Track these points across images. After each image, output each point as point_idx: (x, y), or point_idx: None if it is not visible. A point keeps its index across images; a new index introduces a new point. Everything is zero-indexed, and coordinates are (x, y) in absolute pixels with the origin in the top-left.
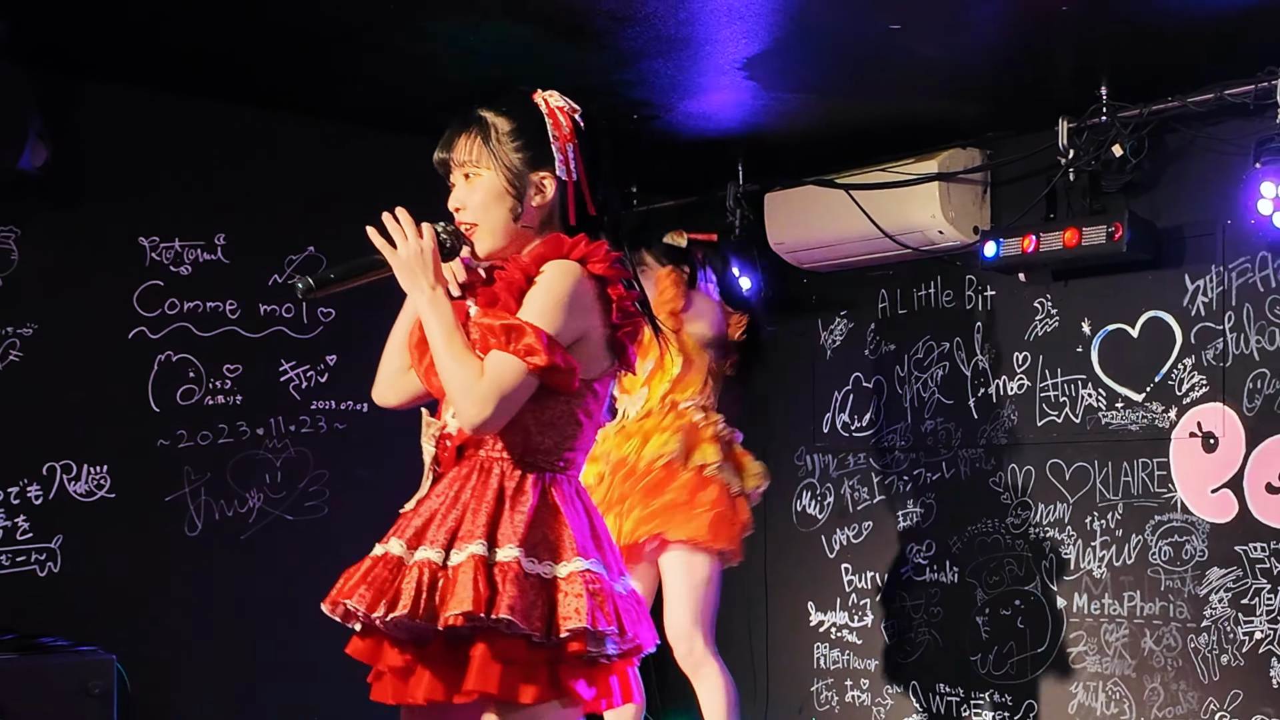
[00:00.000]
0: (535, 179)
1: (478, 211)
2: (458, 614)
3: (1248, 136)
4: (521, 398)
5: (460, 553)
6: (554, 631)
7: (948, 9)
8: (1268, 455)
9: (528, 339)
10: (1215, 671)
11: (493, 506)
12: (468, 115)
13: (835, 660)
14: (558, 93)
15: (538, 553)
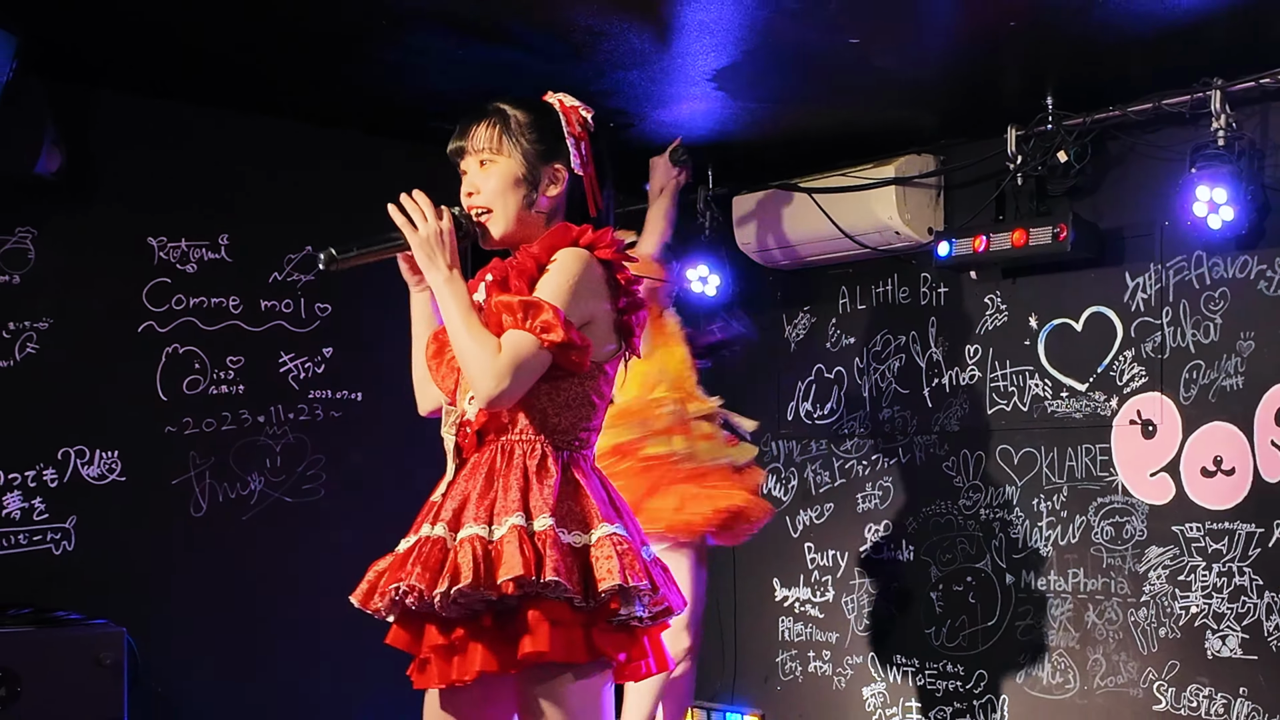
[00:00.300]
0: (549, 170)
1: (493, 197)
2: (509, 579)
3: (1184, 144)
4: (536, 372)
5: (501, 526)
6: (593, 595)
7: (904, 25)
8: (1202, 441)
9: (545, 316)
10: (1154, 644)
11: (522, 483)
12: (484, 108)
13: (799, 633)
14: (569, 94)
15: (567, 524)
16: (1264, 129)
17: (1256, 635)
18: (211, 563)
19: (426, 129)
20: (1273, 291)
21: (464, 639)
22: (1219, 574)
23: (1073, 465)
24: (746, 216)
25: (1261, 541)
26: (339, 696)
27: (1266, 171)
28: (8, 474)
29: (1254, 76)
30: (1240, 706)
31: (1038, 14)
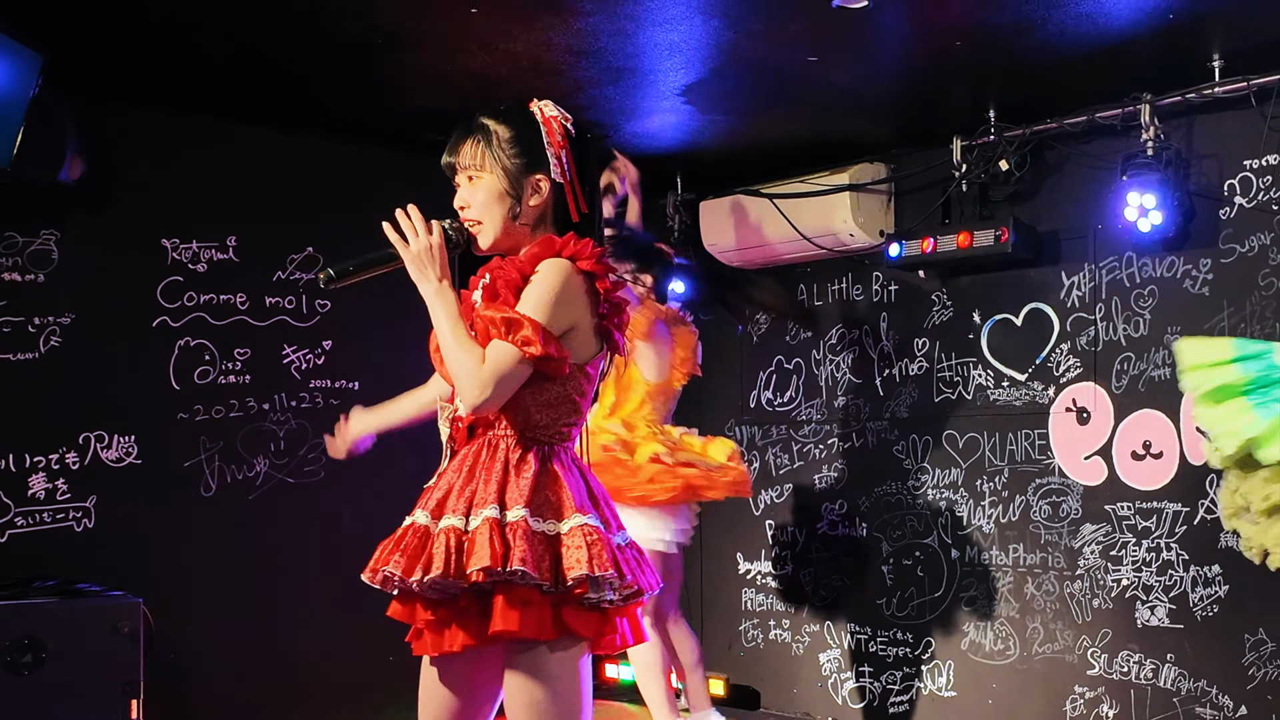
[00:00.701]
0: (531, 181)
1: (481, 210)
2: (479, 569)
3: (1116, 153)
4: (517, 382)
5: (477, 517)
6: (561, 580)
7: (858, 44)
8: (1132, 428)
9: (525, 331)
10: (1088, 613)
11: (501, 476)
12: (471, 123)
13: (760, 603)
14: (551, 102)
15: (542, 513)
16: (1189, 140)
17: (1183, 606)
18: (220, 539)
19: (417, 139)
20: (1197, 289)
21: (446, 617)
22: (1148, 549)
23: (1013, 449)
24: (712, 220)
25: (1187, 519)
26: (337, 661)
27: (1191, 179)
28: (33, 457)
29: (1180, 92)
30: (1167, 671)
31: (982, 34)
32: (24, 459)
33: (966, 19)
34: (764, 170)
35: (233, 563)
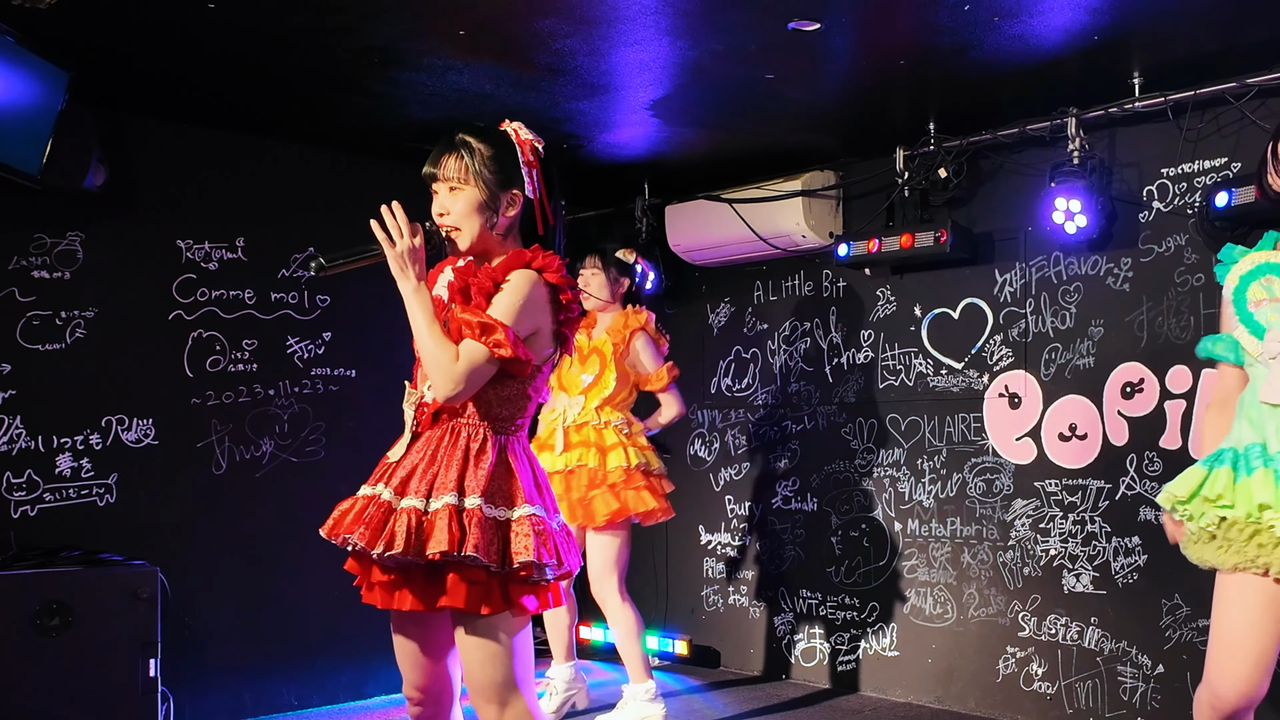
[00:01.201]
0: (508, 195)
1: (460, 219)
2: (436, 551)
3: (1044, 162)
4: (485, 378)
5: (437, 501)
6: (508, 562)
7: (811, 63)
8: (1059, 411)
9: (497, 334)
10: (1019, 580)
11: (461, 463)
12: (453, 139)
13: (720, 571)
14: (523, 125)
15: (495, 500)
16: (1112, 150)
17: (1105, 574)
18: (230, 513)
19: (407, 150)
20: (1118, 286)
21: (399, 581)
22: (1074, 522)
23: (950, 431)
24: (677, 222)
25: (1109, 495)
26: (336, 623)
27: (1113, 186)
28: (59, 438)
29: (1103, 106)
30: (1091, 633)
31: (923, 54)
32: (51, 440)
33: (909, 40)
34: (724, 177)
35: (241, 534)
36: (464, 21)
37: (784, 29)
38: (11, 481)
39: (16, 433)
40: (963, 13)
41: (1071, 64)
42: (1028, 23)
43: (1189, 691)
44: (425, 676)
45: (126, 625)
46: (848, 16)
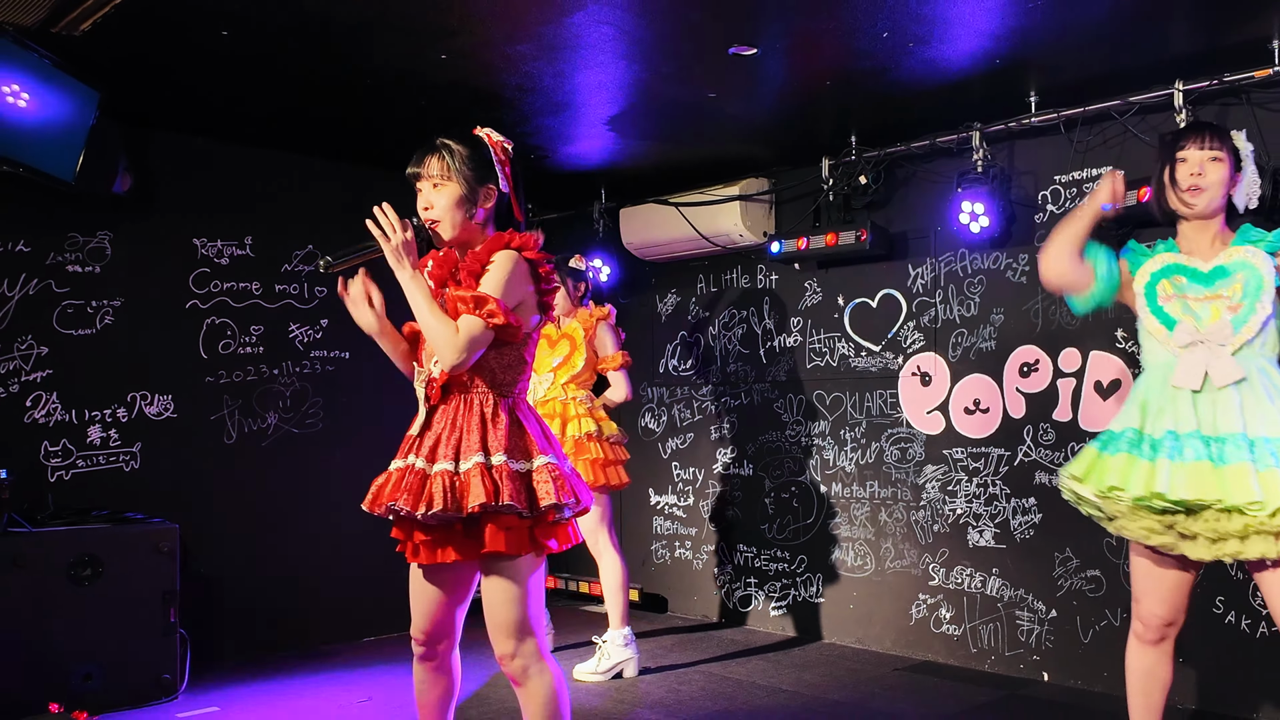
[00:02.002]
0: (485, 190)
1: (443, 213)
2: (476, 504)
3: (952, 170)
4: (483, 345)
5: (467, 462)
6: (535, 506)
7: (748, 83)
8: (964, 388)
9: (490, 306)
10: (930, 536)
11: (481, 428)
12: (434, 143)
13: (668, 529)
14: (493, 130)
15: (515, 456)
16: (1011, 160)
17: (1005, 530)
18: (239, 477)
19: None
20: (1016, 279)
21: (442, 538)
22: (977, 485)
23: (869, 405)
24: (631, 223)
25: (1009, 461)
26: (332, 571)
27: (1012, 191)
28: (90, 412)
29: (1004, 121)
30: (993, 582)
31: (846, 75)
32: (84, 414)
33: (834, 64)
34: (671, 183)
35: (249, 496)
36: (445, 48)
37: (724, 54)
38: (49, 450)
39: (53, 407)
40: (881, 40)
41: (976, 84)
42: (938, 48)
43: (1079, 633)
44: (435, 624)
45: (149, 575)
46: (780, 43)
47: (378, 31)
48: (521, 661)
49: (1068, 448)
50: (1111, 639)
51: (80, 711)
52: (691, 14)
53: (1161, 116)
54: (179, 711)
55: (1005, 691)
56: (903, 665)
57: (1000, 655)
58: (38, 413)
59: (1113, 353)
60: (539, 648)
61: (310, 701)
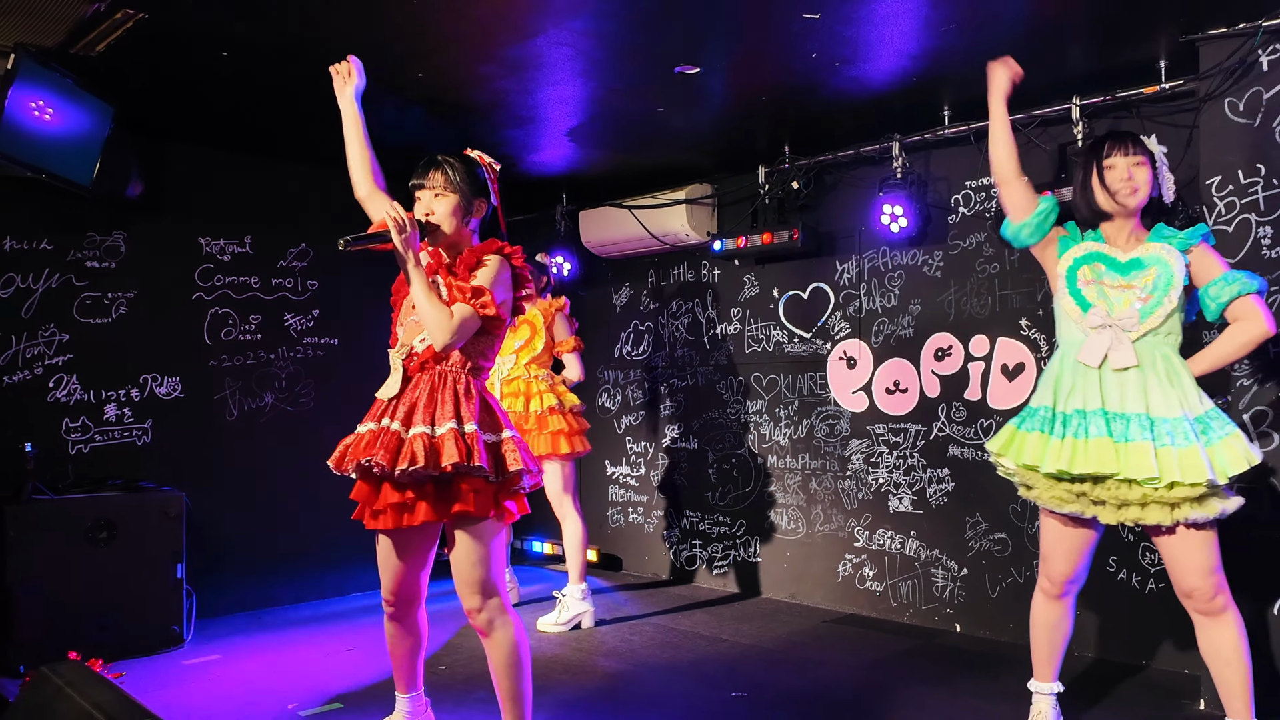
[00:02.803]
0: (477, 203)
1: (443, 219)
2: (450, 463)
3: (874, 177)
4: (472, 332)
5: (441, 427)
6: (502, 472)
7: (692, 99)
8: (885, 371)
9: (484, 298)
10: (855, 503)
11: (454, 401)
12: (437, 159)
13: (622, 496)
14: (483, 152)
15: (485, 428)
16: (927, 167)
17: (922, 498)
18: (239, 451)
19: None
20: (932, 273)
21: (413, 499)
22: (897, 457)
23: (801, 386)
24: (589, 224)
25: (925, 436)
26: (323, 536)
27: (928, 195)
28: (107, 392)
29: (920, 133)
30: (911, 544)
31: (780, 92)
32: (101, 393)
33: (769, 81)
34: (625, 188)
35: (248, 467)
36: (422, 67)
37: (671, 73)
38: (69, 426)
39: (73, 388)
40: (811, 60)
41: (895, 100)
42: (862, 68)
43: (988, 589)
44: (401, 584)
45: (159, 537)
46: (721, 63)
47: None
48: (487, 615)
49: (977, 424)
50: (1017, 594)
51: (96, 659)
52: (640, 37)
53: (1061, 128)
54: (185, 659)
55: (922, 641)
56: (831, 618)
57: (918, 609)
58: (59, 393)
59: (1017, 339)
60: (502, 603)
61: (302, 650)
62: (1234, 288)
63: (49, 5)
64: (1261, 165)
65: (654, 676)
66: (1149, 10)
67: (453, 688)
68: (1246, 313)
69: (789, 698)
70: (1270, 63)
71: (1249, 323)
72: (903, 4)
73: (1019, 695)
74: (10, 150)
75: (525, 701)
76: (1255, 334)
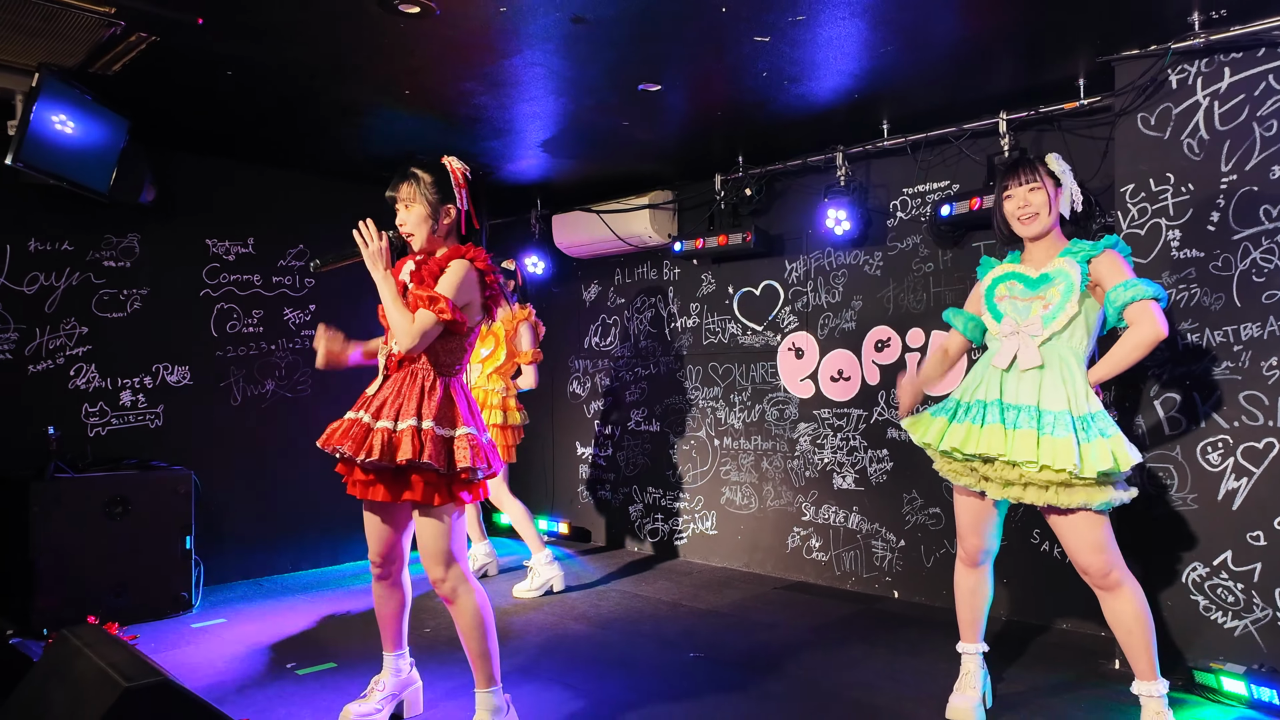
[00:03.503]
0: (444, 209)
1: (412, 227)
2: (404, 459)
3: (820, 184)
4: (434, 336)
5: (403, 424)
6: (453, 467)
7: (654, 113)
8: (831, 361)
9: (440, 304)
10: (802, 480)
11: (419, 397)
12: (406, 170)
13: (592, 474)
14: (456, 158)
15: (443, 423)
16: (868, 175)
17: (864, 476)
18: (243, 433)
19: (367, 175)
20: (872, 272)
21: (374, 481)
22: (841, 439)
23: (754, 375)
24: (561, 227)
25: (866, 420)
26: (319, 510)
27: (869, 200)
28: (122, 379)
29: (861, 145)
30: (854, 518)
31: (734, 108)
32: (117, 381)
33: (724, 98)
34: (594, 194)
35: (251, 448)
36: (408, 84)
37: (635, 90)
38: (88, 411)
39: (91, 375)
40: (762, 79)
41: (839, 114)
42: (808, 85)
43: (923, 559)
44: (385, 548)
45: (169, 512)
46: (680, 81)
47: (354, 72)
48: (450, 584)
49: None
50: (949, 564)
51: (112, 623)
52: (607, 57)
53: (989, 140)
54: (193, 623)
55: (863, 606)
56: (780, 585)
57: (859, 577)
58: (79, 380)
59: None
60: (463, 572)
61: (300, 613)
62: (1129, 293)
63: (70, 29)
64: (1171, 174)
65: (620, 638)
66: (1069, 33)
67: (436, 648)
68: (1140, 317)
69: (742, 657)
70: (1179, 81)
71: (1141, 326)
72: (845, 28)
73: (951, 656)
74: (35, 160)
75: (492, 659)
76: (1147, 336)
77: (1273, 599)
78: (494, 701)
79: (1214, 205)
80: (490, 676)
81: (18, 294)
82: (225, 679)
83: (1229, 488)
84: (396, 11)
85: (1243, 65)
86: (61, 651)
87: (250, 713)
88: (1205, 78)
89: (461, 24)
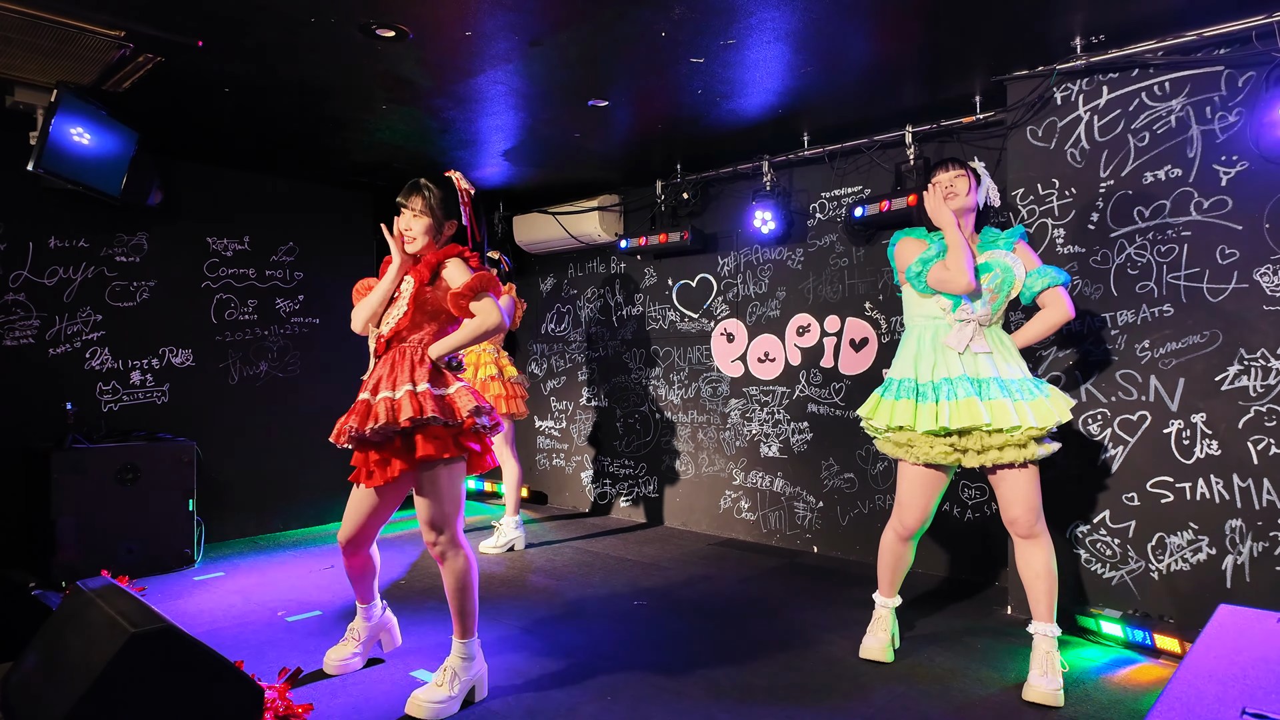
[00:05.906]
0: (448, 224)
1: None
2: (407, 418)
3: (749, 189)
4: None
5: (399, 391)
6: (456, 416)
7: (603, 126)
8: (758, 345)
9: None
10: (734, 450)
11: (411, 369)
12: (419, 183)
13: (548, 445)
14: (461, 174)
15: (436, 384)
16: (790, 181)
17: (787, 446)
18: (240, 410)
19: (351, 181)
20: (794, 266)
21: (388, 456)
22: (768, 413)
23: (691, 357)
24: (521, 227)
25: (789, 397)
26: (308, 477)
27: (792, 203)
28: (132, 361)
29: (785, 154)
30: (779, 482)
31: (673, 123)
32: (128, 362)
33: (664, 113)
34: (550, 198)
35: (247, 422)
36: (385, 100)
37: (585, 105)
38: (102, 389)
39: (105, 358)
40: (697, 96)
41: (765, 127)
42: (738, 102)
43: (839, 518)
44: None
45: (175, 478)
46: (625, 97)
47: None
48: (441, 548)
49: (831, 387)
50: (862, 522)
51: (123, 576)
52: (561, 76)
53: (897, 150)
54: (195, 576)
55: (787, 560)
56: (714, 541)
57: (783, 534)
58: (94, 362)
59: (862, 319)
60: (455, 537)
61: (290, 568)
62: (1045, 280)
63: (84, 51)
64: (1056, 180)
65: (574, 589)
66: (966, 57)
67: (410, 599)
68: (1053, 301)
69: (682, 604)
70: (1063, 98)
71: (1055, 309)
72: (771, 51)
73: (864, 602)
74: (54, 167)
75: (472, 616)
76: (1059, 318)
77: (1145, 552)
78: (469, 650)
79: (1094, 207)
80: (468, 629)
81: (39, 285)
82: (223, 626)
83: (1107, 455)
84: (375, 36)
85: (1119, 84)
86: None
87: (245, 655)
88: (1086, 95)
89: (432, 47)
